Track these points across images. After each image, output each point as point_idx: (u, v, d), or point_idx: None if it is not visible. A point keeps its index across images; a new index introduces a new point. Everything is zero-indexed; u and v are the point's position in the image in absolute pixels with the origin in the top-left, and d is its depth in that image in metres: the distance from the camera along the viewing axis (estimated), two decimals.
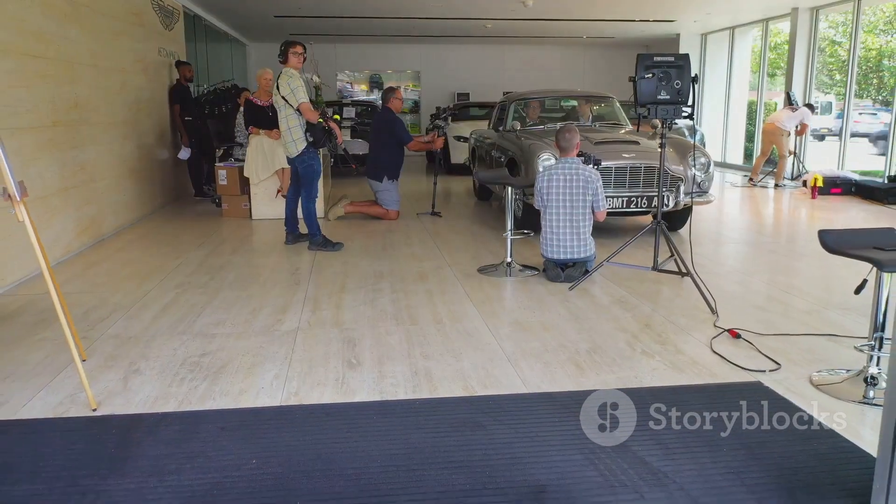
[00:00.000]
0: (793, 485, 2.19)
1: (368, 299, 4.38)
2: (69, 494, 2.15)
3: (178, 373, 3.17)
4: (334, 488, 2.19)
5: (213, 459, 2.37)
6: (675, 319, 3.92)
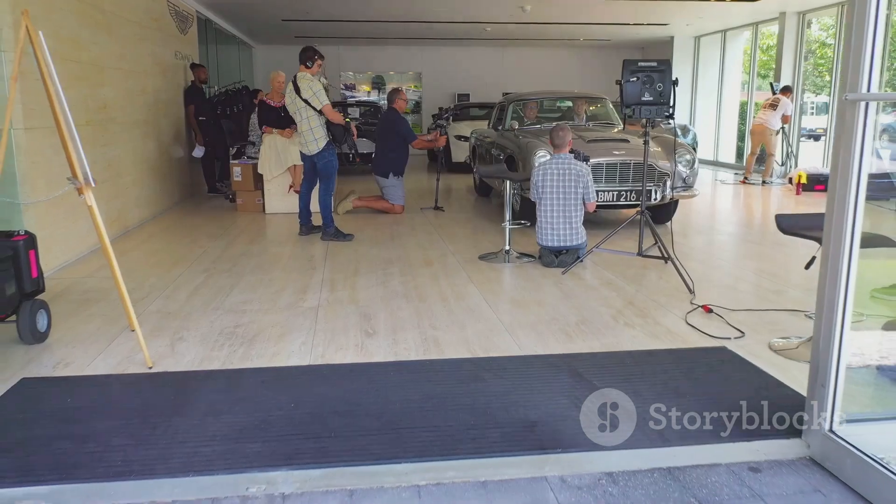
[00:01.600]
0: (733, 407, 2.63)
1: (380, 281, 4.83)
2: (143, 428, 2.60)
3: (218, 340, 3.62)
4: (360, 423, 2.64)
5: (258, 403, 2.82)
6: (656, 298, 4.37)
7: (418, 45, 17.07)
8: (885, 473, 2.06)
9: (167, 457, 2.37)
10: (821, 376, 2.33)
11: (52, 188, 4.81)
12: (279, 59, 16.27)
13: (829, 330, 2.29)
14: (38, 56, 3.02)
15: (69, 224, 5.37)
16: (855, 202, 2.20)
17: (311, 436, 2.53)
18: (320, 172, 6.38)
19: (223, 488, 2.19)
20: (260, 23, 13.18)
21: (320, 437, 2.52)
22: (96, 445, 2.46)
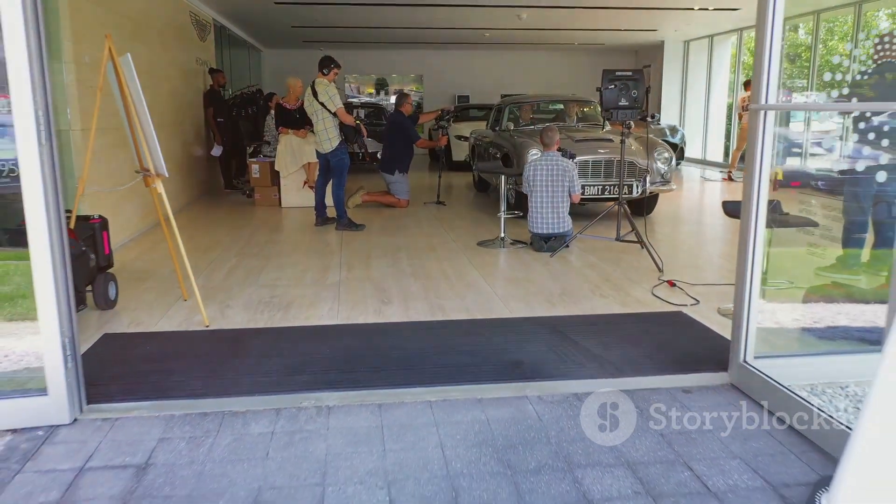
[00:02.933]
0: (680, 354, 3.34)
1: (390, 263, 5.54)
2: (213, 366, 3.31)
3: (258, 307, 4.33)
4: (383, 362, 3.34)
5: (300, 350, 3.53)
6: (629, 275, 5.08)
7: (420, 49, 17.75)
8: (777, 386, 2.77)
9: (236, 384, 3.08)
10: (737, 323, 3.04)
11: (112, 180, 5.52)
12: (286, 61, 17.03)
13: (742, 289, 3.00)
14: (118, 74, 3.73)
15: (116, 212, 6.07)
16: (758, 193, 2.91)
17: (346, 370, 3.24)
18: (333, 169, 7.09)
19: (283, 403, 2.90)
20: (271, 29, 13.88)
21: (353, 371, 3.23)
22: (179, 376, 3.17)
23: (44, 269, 2.57)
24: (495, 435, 2.63)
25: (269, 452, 2.51)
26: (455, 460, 2.45)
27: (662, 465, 2.42)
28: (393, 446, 2.55)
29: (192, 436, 2.63)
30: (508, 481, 2.32)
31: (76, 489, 2.29)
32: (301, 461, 2.45)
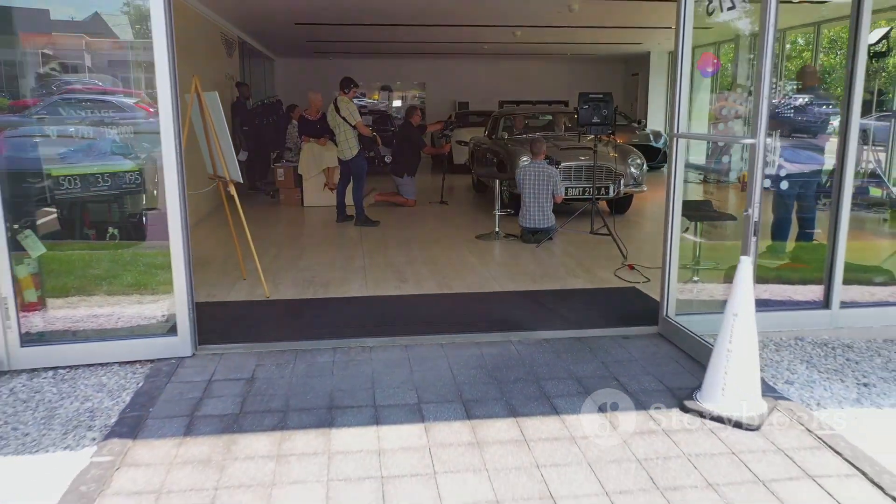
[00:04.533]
0: (626, 315, 4.51)
1: (404, 252, 6.72)
2: (278, 322, 4.49)
3: (303, 285, 5.51)
4: (406, 320, 4.52)
5: (343, 312, 4.71)
6: (599, 261, 6.26)
7: (423, 59, 18.91)
8: (689, 333, 3.95)
9: (302, 333, 4.26)
10: (662, 291, 4.23)
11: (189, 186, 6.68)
12: (298, 70, 18.23)
13: (666, 266, 4.18)
14: (203, 110, 4.91)
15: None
16: (673, 198, 4.08)
17: (379, 324, 4.43)
18: (353, 173, 8.26)
19: (337, 345, 4.07)
20: (285, 41, 15.04)
21: (384, 325, 4.42)
22: (259, 328, 4.35)
23: (178, 249, 3.76)
24: (487, 362, 3.82)
25: (333, 371, 3.70)
26: (459, 376, 3.64)
27: (599, 378, 3.61)
28: (417, 369, 3.73)
29: (278, 363, 3.82)
30: (495, 387, 3.50)
31: (210, 390, 3.47)
32: (356, 376, 3.63)
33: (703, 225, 5.18)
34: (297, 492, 2.62)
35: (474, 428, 3.09)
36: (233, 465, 2.79)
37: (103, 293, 4.29)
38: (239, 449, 2.92)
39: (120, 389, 3.53)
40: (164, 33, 3.63)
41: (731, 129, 11.25)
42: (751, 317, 3.17)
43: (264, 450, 2.91)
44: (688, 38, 4.21)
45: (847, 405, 3.46)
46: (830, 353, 4.16)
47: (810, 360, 4.02)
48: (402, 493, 2.60)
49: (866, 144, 7.08)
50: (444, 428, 3.09)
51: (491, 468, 2.77)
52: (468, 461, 2.82)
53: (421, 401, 3.35)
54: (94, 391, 3.52)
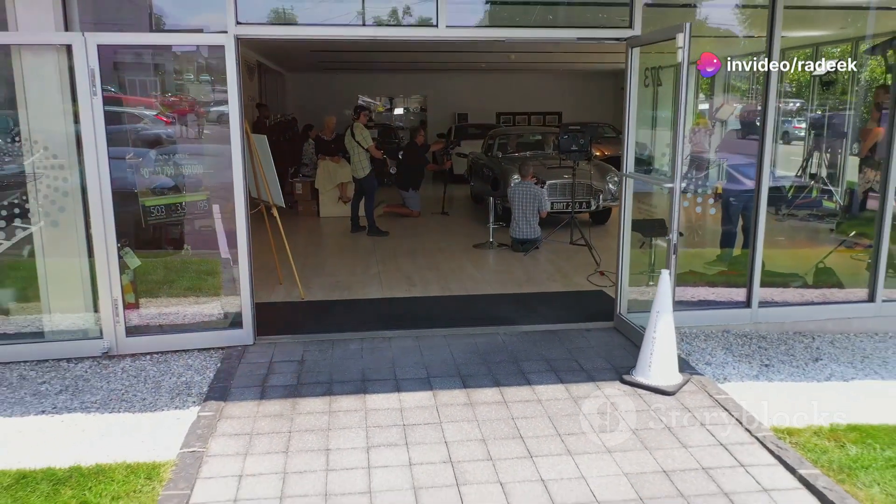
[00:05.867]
0: (591, 312, 5.69)
1: (411, 260, 7.90)
2: (315, 318, 5.67)
3: (330, 288, 6.70)
4: (415, 317, 5.71)
5: (365, 310, 5.91)
6: (576, 268, 7.44)
7: (424, 73, 20.05)
8: (633, 327, 5.14)
9: (336, 327, 5.45)
10: (617, 293, 5.41)
11: None
12: (307, 83, 19.40)
13: (620, 273, 5.36)
14: (251, 148, 6.09)
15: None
16: (623, 223, 5.27)
17: (394, 319, 5.62)
18: (365, 190, 9.46)
19: (364, 336, 5.26)
20: (296, 59, 16.22)
21: (399, 320, 5.60)
22: (301, 323, 5.54)
23: (244, 261, 4.94)
24: (479, 348, 5.01)
25: (362, 355, 4.89)
26: (458, 358, 4.83)
27: (563, 360, 4.80)
28: (425, 353, 4.92)
29: (320, 349, 5.01)
30: (485, 366, 4.70)
31: (273, 368, 4.66)
32: (380, 359, 4.82)
33: (657, 239, 6.35)
34: (345, 434, 3.80)
35: (468, 394, 4.29)
36: (299, 418, 3.99)
37: (181, 296, 5.47)
38: (301, 407, 4.11)
39: (203, 368, 4.72)
40: (236, 100, 4.81)
41: (703, 147, 12.21)
42: (669, 314, 4.36)
43: (319, 408, 4.10)
44: (633, 96, 5.38)
45: (747, 380, 4.65)
46: (747, 342, 5.35)
47: (729, 348, 5.21)
48: (418, 435, 3.79)
49: (817, 158, 8.35)
50: (447, 394, 4.29)
51: (480, 419, 3.96)
52: (464, 415, 4.01)
53: (429, 375, 4.55)
54: (185, 370, 4.71)
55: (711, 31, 7.53)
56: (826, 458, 3.57)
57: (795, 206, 8.86)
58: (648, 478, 3.40)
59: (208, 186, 5.70)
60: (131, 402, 4.25)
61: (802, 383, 4.64)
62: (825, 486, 3.30)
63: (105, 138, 4.60)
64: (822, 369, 4.88)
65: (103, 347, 4.83)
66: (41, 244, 4.83)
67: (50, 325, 4.97)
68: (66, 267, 4.90)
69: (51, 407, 4.16)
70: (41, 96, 4.67)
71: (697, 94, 9.43)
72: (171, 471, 3.42)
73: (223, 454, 3.61)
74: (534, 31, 5.75)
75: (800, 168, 8.99)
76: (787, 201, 9.17)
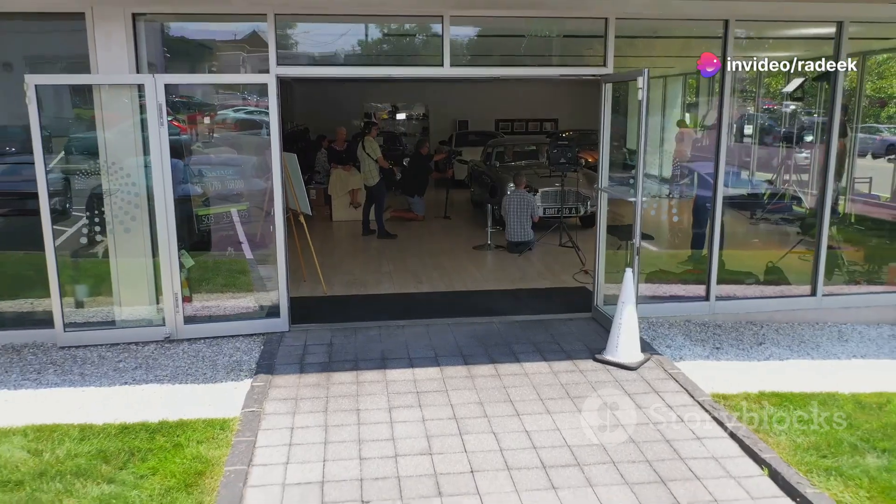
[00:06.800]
0: (573, 304, 6.67)
1: (418, 260, 8.89)
2: (339, 310, 6.66)
3: (348, 284, 7.68)
4: (423, 309, 6.69)
5: (381, 303, 6.90)
6: (564, 268, 8.43)
7: (425, 83, 21.04)
8: (607, 316, 6.13)
9: (357, 317, 6.44)
10: (594, 288, 6.41)
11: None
12: (313, 92, 20.36)
13: (596, 270, 6.35)
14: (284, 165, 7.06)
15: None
16: (599, 230, 6.25)
17: (406, 311, 6.60)
18: (375, 196, 10.45)
19: (381, 324, 6.25)
20: None
21: (410, 312, 6.59)
22: (327, 314, 6.52)
23: (281, 260, 5.93)
24: (478, 334, 6.00)
25: (381, 340, 5.88)
26: (460, 341, 5.82)
27: (547, 343, 5.79)
28: (434, 338, 5.91)
29: (345, 335, 5.99)
30: (482, 348, 5.69)
31: (308, 350, 5.65)
32: (396, 342, 5.81)
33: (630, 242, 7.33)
34: (371, 398, 4.79)
35: (469, 369, 5.28)
36: (333, 386, 4.97)
37: (226, 291, 6.46)
38: (334, 378, 5.10)
39: (250, 350, 5.71)
40: (276, 127, 5.79)
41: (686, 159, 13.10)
42: (632, 304, 5.34)
43: (348, 379, 5.09)
44: (607, 124, 6.36)
45: (699, 359, 5.64)
46: (704, 330, 6.34)
47: (688, 334, 6.20)
48: (429, 399, 4.78)
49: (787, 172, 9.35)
50: (451, 369, 5.28)
51: (478, 388, 4.95)
52: (465, 385, 5.00)
53: (437, 355, 5.54)
54: (234, 351, 5.70)
55: (677, 53, 8.56)
56: (749, 416, 4.56)
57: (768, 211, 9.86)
58: (607, 429, 4.39)
59: (248, 198, 6.70)
60: (195, 375, 5.24)
61: (745, 362, 5.63)
62: (745, 435, 4.29)
63: (169, 160, 5.58)
64: (763, 351, 5.88)
65: (165, 333, 5.82)
66: (114, 246, 5.82)
67: (120, 314, 5.96)
68: (134, 266, 5.89)
69: (131, 379, 5.16)
70: (117, 125, 5.66)
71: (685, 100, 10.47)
72: (237, 424, 4.41)
73: (276, 412, 4.60)
74: (525, 69, 6.77)
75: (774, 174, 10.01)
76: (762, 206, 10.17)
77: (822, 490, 3.74)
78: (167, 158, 5.57)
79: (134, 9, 5.50)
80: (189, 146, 6.74)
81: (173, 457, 4.01)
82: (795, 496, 3.72)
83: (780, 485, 3.83)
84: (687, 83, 10.22)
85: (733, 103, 8.81)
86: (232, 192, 6.61)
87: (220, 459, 4.00)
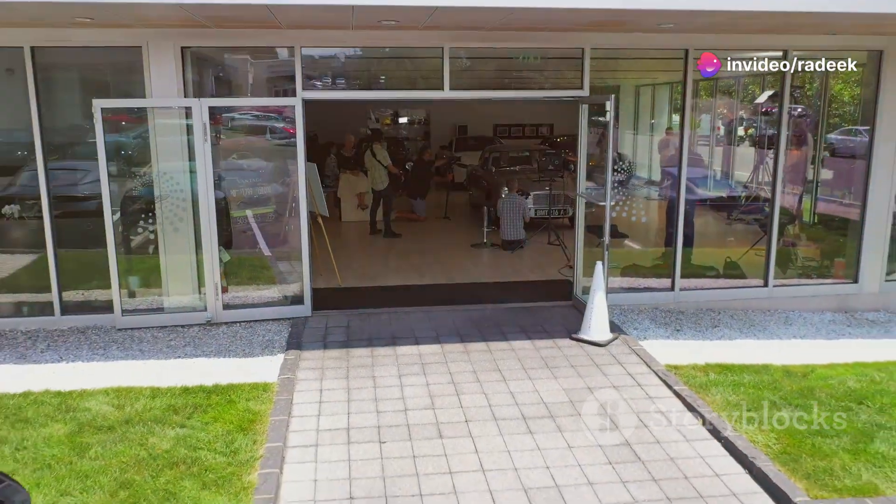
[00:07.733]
0: (556, 294, 7.69)
1: (421, 256, 9.91)
2: (354, 298, 7.68)
3: (359, 277, 8.70)
4: (427, 298, 7.71)
5: (389, 294, 7.91)
6: (551, 263, 9.44)
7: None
8: (583, 303, 7.14)
9: (369, 304, 7.46)
10: (573, 278, 7.42)
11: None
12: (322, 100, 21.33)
13: (576, 266, 7.37)
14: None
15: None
16: (578, 232, 7.27)
17: (411, 300, 7.62)
18: (382, 199, 11.47)
19: (391, 310, 7.26)
20: None
21: (414, 300, 7.61)
22: (343, 302, 7.54)
23: (305, 255, 6.95)
24: (473, 318, 7.02)
25: (391, 323, 6.90)
26: (458, 325, 6.84)
27: (532, 325, 6.81)
28: (434, 321, 6.93)
29: (360, 319, 7.01)
30: (477, 329, 6.71)
31: (329, 331, 6.67)
32: (403, 325, 6.83)
33: None
34: (384, 368, 5.81)
35: (465, 346, 6.30)
36: (352, 359, 6.00)
37: (258, 281, 7.48)
38: (353, 353, 6.12)
39: (279, 331, 6.73)
40: (302, 142, 6.81)
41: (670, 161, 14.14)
42: (602, 291, 6.37)
43: (365, 354, 6.12)
44: (584, 141, 7.36)
45: (660, 339, 6.65)
46: (668, 315, 7.36)
47: (655, 318, 7.22)
48: (432, 368, 5.80)
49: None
50: (450, 346, 6.30)
51: (472, 360, 5.97)
52: (461, 358, 6.03)
53: (438, 335, 6.56)
54: (266, 332, 6.71)
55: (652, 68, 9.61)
56: (694, 381, 5.58)
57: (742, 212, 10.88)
58: (577, 390, 5.42)
59: (275, 202, 7.73)
60: (236, 351, 6.26)
61: (699, 341, 6.65)
62: (687, 395, 5.31)
63: (212, 170, 6.60)
64: (716, 333, 6.90)
65: (207, 317, 6.85)
66: (164, 244, 6.83)
67: (168, 301, 6.98)
68: (180, 260, 6.91)
69: (183, 354, 6.18)
70: (167, 140, 6.68)
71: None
72: (276, 387, 5.44)
73: (307, 379, 5.63)
74: (515, 92, 7.81)
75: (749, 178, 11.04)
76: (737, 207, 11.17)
77: (741, 433, 4.76)
78: (209, 168, 6.58)
79: (183, 43, 6.51)
80: (226, 157, 7.76)
81: (228, 410, 5.03)
82: (720, 438, 4.74)
83: (709, 430, 4.85)
84: (673, 90, 11.27)
85: (714, 110, 9.97)
86: (262, 197, 7.63)
87: (266, 412, 5.03)
